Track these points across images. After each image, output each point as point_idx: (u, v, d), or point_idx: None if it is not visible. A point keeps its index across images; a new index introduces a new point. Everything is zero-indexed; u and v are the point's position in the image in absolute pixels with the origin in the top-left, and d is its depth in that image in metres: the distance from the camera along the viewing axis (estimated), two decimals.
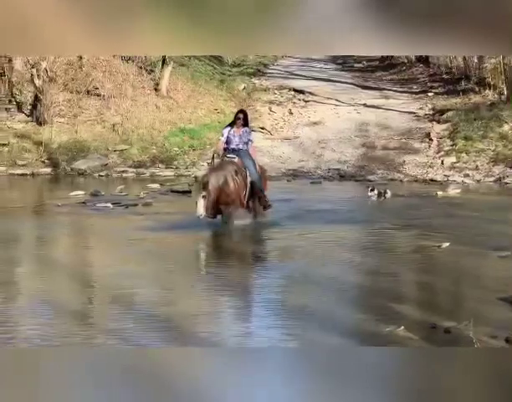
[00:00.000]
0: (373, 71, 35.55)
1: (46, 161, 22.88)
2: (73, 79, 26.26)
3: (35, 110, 24.37)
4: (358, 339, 7.32)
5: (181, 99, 27.13)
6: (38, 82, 23.85)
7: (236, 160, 13.60)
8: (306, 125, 26.12)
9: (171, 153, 23.76)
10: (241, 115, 13.99)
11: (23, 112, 24.74)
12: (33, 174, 22.16)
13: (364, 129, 25.25)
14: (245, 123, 14.00)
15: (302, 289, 9.49)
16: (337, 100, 28.30)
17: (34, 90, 24.32)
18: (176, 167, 22.91)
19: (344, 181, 20.96)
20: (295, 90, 29.86)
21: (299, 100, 28.83)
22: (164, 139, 24.60)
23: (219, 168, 13.51)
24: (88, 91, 25.98)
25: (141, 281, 9.89)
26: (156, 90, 26.95)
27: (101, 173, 22.27)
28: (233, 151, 13.69)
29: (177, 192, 18.84)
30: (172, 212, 15.76)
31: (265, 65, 35.53)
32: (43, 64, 23.94)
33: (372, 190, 17.47)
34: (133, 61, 27.84)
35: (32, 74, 24.08)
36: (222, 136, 13.97)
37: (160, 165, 23.07)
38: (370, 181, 20.18)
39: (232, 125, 14.00)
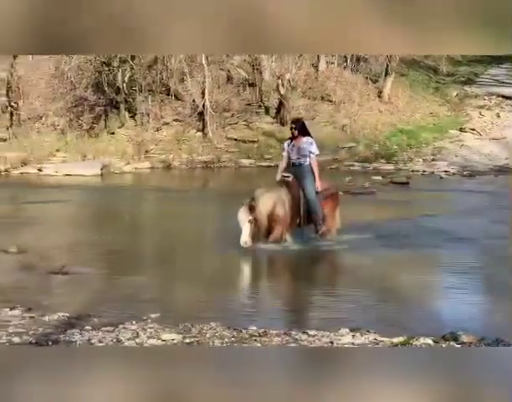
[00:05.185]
0: None
1: None
2: (310, 88, 26.70)
3: (279, 114, 25.01)
4: None
5: (400, 104, 26.82)
6: (282, 90, 24.47)
7: (290, 179, 10.31)
8: None
9: (391, 150, 23.56)
10: (293, 125, 10.68)
11: (270, 115, 25.46)
12: (276, 166, 22.71)
13: None
14: (303, 133, 10.52)
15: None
16: None
17: (279, 97, 24.96)
18: (396, 162, 22.67)
19: None
20: (503, 97, 28.51)
21: (507, 105, 27.51)
22: (385, 138, 24.44)
23: (270, 190, 10.28)
24: (322, 98, 26.31)
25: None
26: (379, 96, 26.83)
27: (332, 166, 22.44)
28: (293, 165, 10.43)
29: (397, 183, 18.67)
30: (392, 200, 15.65)
31: (476, 74, 34.23)
32: (287, 76, 24.52)
33: None
34: (360, 72, 28.00)
35: (277, 84, 24.72)
36: (284, 150, 10.72)
37: (381, 160, 22.91)
38: None
39: (292, 138, 10.55)
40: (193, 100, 25.00)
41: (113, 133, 24.68)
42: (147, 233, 12.70)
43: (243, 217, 9.66)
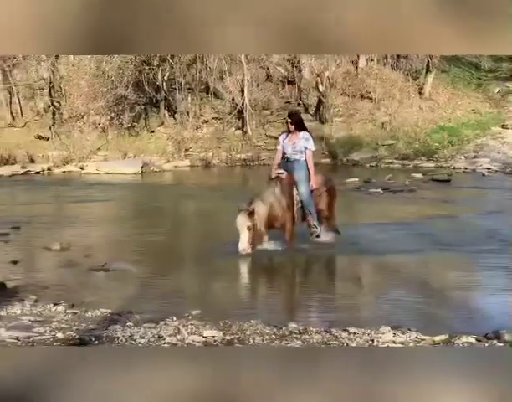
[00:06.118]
0: None
1: (326, 153, 23.36)
2: (349, 85, 26.60)
3: (318, 111, 24.98)
4: None
5: (441, 101, 26.57)
6: (321, 88, 24.42)
7: (284, 175, 9.72)
8: None
9: (432, 148, 23.37)
10: (289, 119, 10.03)
11: (309, 113, 25.41)
12: (315, 164, 22.65)
13: None
14: (300, 127, 9.97)
15: None
16: None
17: (318, 95, 24.91)
18: (437, 160, 22.48)
19: None
20: None
21: None
22: (426, 135, 24.23)
23: (265, 191, 9.67)
24: (361, 95, 26.19)
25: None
26: (419, 93, 26.61)
27: (371, 164, 22.36)
28: (287, 161, 9.91)
29: (437, 180, 18.51)
30: (433, 197, 15.50)
31: None
32: (326, 73, 24.46)
33: None
34: (401, 69, 27.80)
35: (317, 82, 24.67)
36: (279, 144, 10.13)
37: (422, 157, 22.73)
38: None
39: (288, 131, 10.03)
40: (232, 99, 25.09)
41: (153, 131, 24.90)
42: (187, 230, 12.77)
43: (242, 223, 9.09)
